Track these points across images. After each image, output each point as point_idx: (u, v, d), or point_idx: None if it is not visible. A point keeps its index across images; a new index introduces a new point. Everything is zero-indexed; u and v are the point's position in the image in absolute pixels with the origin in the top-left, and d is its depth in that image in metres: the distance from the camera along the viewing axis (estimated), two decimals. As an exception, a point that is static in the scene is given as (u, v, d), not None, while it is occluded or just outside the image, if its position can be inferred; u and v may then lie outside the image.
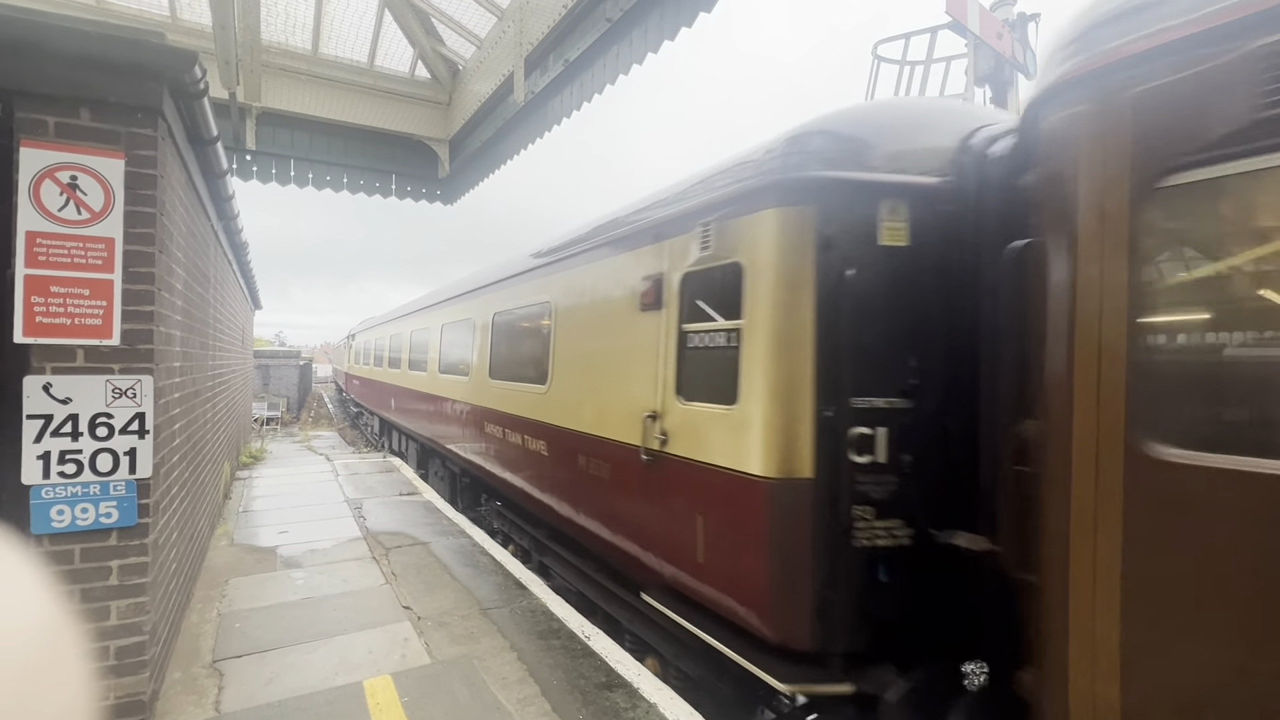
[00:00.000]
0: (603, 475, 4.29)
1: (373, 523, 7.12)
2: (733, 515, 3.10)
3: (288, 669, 3.74)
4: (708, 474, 3.29)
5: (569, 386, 4.86)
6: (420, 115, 8.43)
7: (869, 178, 2.84)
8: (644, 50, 4.77)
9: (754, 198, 3.05)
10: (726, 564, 3.15)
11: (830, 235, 2.81)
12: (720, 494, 3.20)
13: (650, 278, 3.84)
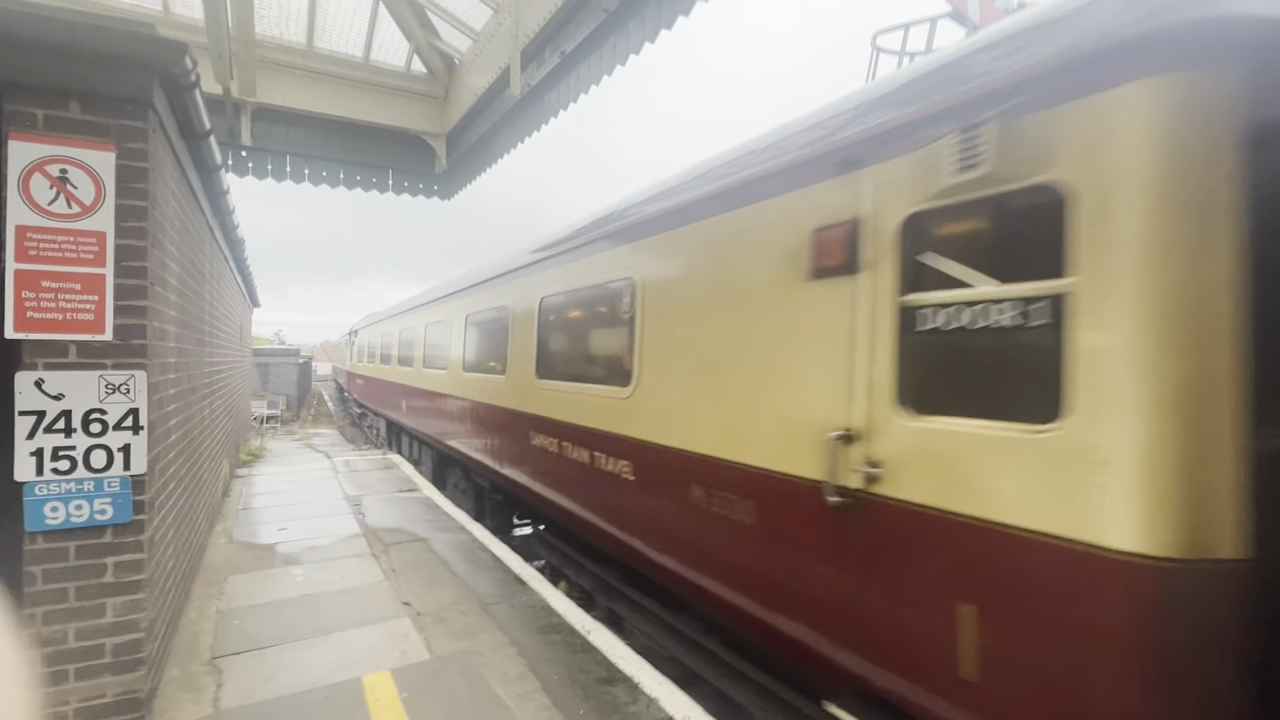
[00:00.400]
0: (739, 517, 3.07)
1: (372, 519, 7.10)
2: (1058, 618, 1.82)
3: (286, 666, 3.72)
4: (987, 538, 2.00)
5: (670, 390, 3.69)
6: (416, 110, 8.38)
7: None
8: (640, 41, 4.73)
9: (1098, 66, 1.83)
10: (1038, 696, 1.87)
11: (1269, 123, 1.70)
12: (1023, 576, 1.91)
13: (831, 228, 2.62)
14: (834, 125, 2.76)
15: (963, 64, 2.32)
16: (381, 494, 8.49)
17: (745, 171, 3.18)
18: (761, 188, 3.04)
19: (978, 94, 2.13)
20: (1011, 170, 1.98)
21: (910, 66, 2.77)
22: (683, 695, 3.49)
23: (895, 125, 2.42)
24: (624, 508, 4.14)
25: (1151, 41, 1.72)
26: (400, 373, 11.81)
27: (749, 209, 3.12)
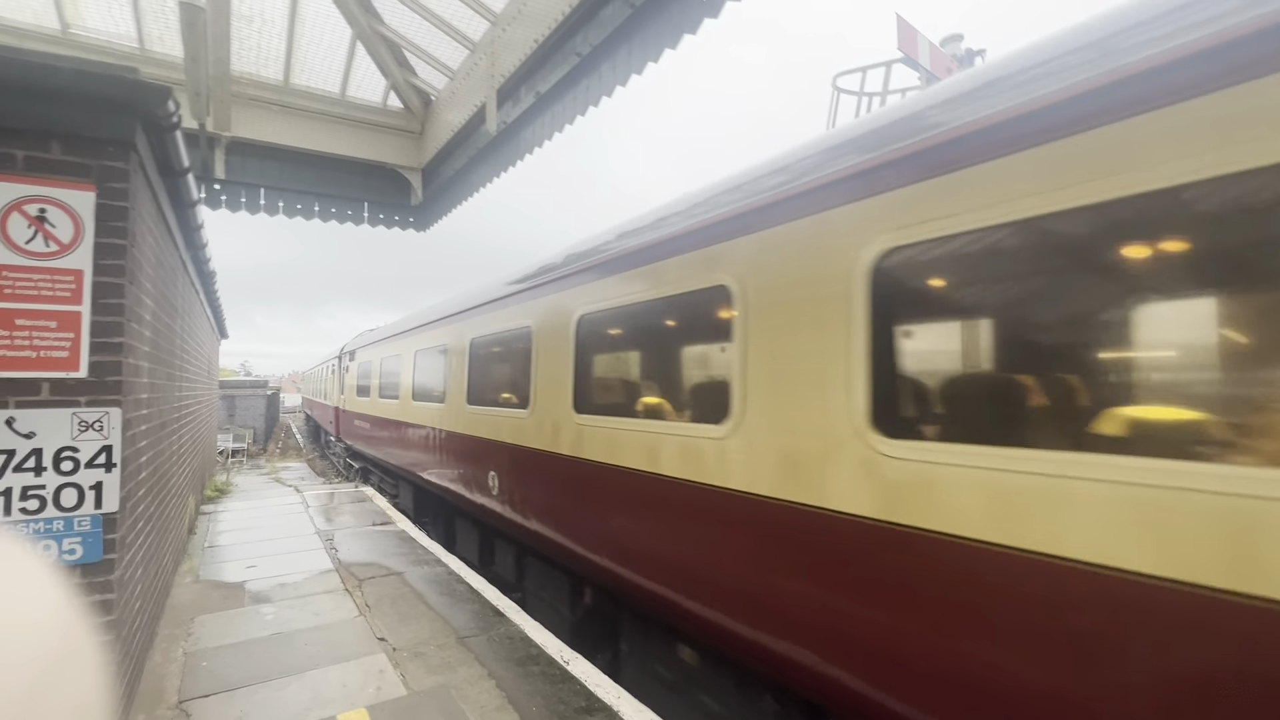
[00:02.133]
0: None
1: (345, 554, 6.97)
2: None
3: (257, 707, 3.64)
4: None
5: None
6: (393, 144, 8.49)
7: None
8: (613, 83, 4.94)
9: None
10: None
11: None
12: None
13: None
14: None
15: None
16: (354, 528, 8.34)
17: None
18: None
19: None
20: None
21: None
22: (662, 722, 3.52)
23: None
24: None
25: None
26: (438, 414, 7.70)
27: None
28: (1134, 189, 1.84)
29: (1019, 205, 2.11)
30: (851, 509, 2.55)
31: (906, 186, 2.46)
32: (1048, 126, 2.06)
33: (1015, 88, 2.21)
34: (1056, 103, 2.05)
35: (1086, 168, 1.95)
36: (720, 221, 3.38)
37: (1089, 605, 1.86)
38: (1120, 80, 1.90)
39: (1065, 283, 2.14)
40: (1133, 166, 1.85)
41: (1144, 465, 1.78)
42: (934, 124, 2.45)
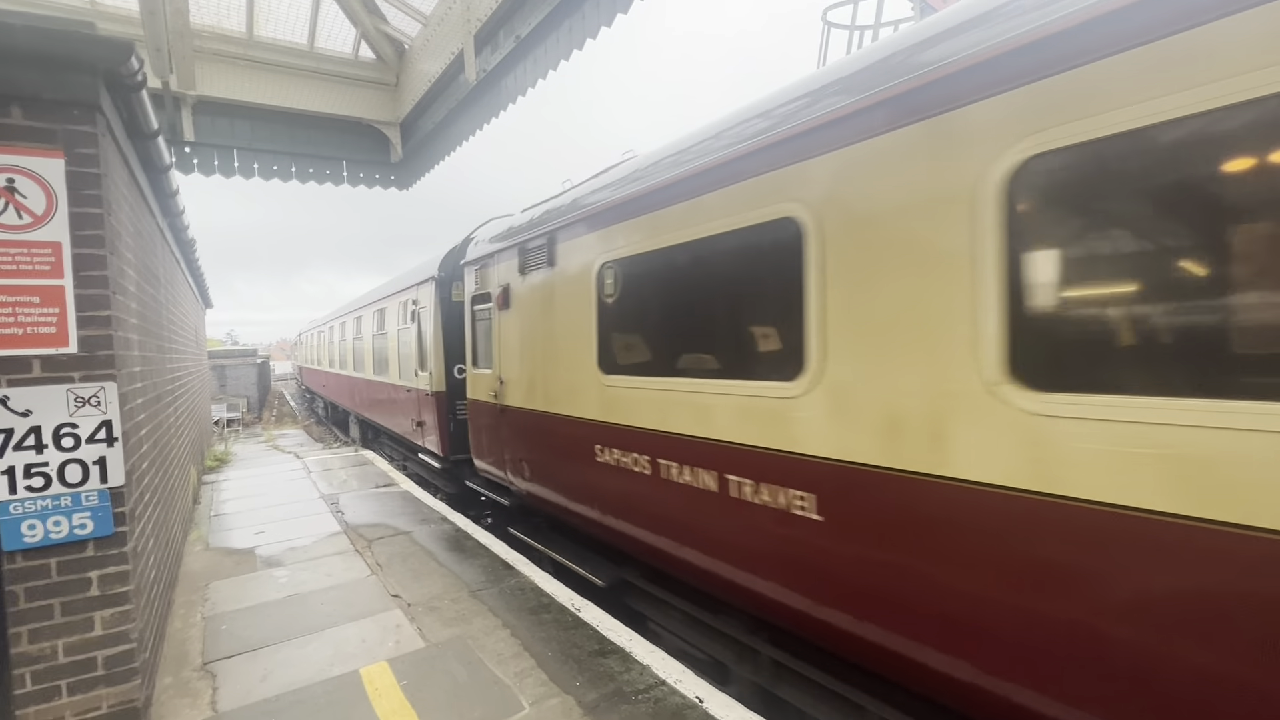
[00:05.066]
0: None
1: (351, 516, 7.07)
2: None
3: (281, 665, 3.76)
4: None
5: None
6: (367, 98, 8.15)
7: None
8: (597, 24, 4.72)
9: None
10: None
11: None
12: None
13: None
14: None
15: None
16: (358, 491, 8.44)
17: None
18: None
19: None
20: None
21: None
22: (674, 662, 3.66)
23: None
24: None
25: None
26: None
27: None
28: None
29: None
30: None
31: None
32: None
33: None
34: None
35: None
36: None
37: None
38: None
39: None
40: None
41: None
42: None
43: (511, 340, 5.71)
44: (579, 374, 4.56)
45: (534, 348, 5.28)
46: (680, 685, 3.37)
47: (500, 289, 5.87)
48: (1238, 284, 1.69)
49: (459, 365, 7.93)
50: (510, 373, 5.77)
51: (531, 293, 5.30)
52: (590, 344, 4.41)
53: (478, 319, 6.66)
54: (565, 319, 4.74)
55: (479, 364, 6.71)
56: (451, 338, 8.08)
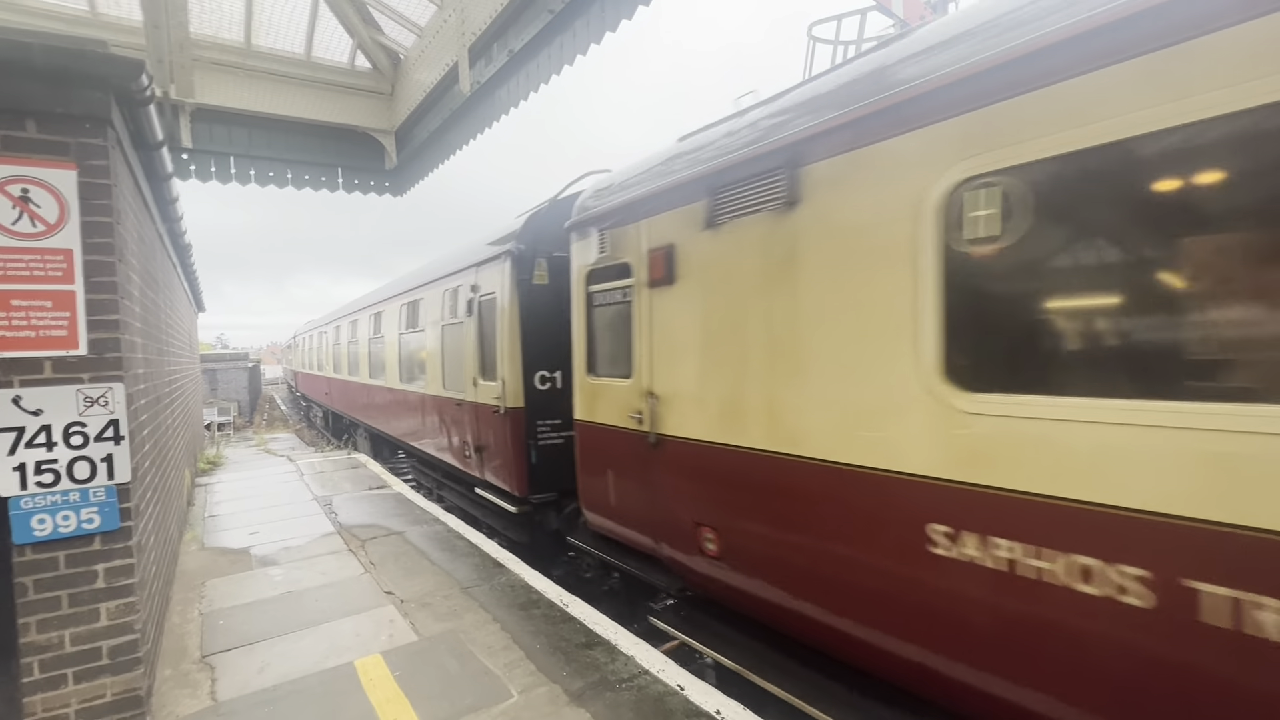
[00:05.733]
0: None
1: (345, 517, 7.18)
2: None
3: (278, 657, 3.88)
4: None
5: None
6: (363, 106, 8.30)
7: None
8: (587, 41, 4.90)
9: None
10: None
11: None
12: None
13: None
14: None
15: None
16: (351, 493, 8.54)
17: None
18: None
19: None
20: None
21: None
22: (657, 653, 3.82)
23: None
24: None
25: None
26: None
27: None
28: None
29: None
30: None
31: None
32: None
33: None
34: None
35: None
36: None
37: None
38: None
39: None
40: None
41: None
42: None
43: (680, 331, 3.72)
44: (876, 391, 2.70)
45: (739, 344, 3.34)
46: (663, 674, 3.52)
47: (654, 255, 3.84)
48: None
49: (541, 372, 5.93)
50: (676, 383, 3.77)
51: (732, 254, 3.36)
52: (912, 335, 2.54)
53: (598, 304, 4.60)
54: (834, 292, 2.87)
55: (599, 370, 4.64)
56: (532, 335, 5.93)
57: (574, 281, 4.86)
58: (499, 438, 6.19)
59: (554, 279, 5.94)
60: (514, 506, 6.07)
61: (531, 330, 5.93)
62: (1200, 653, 1.81)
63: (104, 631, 3.10)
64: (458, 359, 7.21)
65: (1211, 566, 1.78)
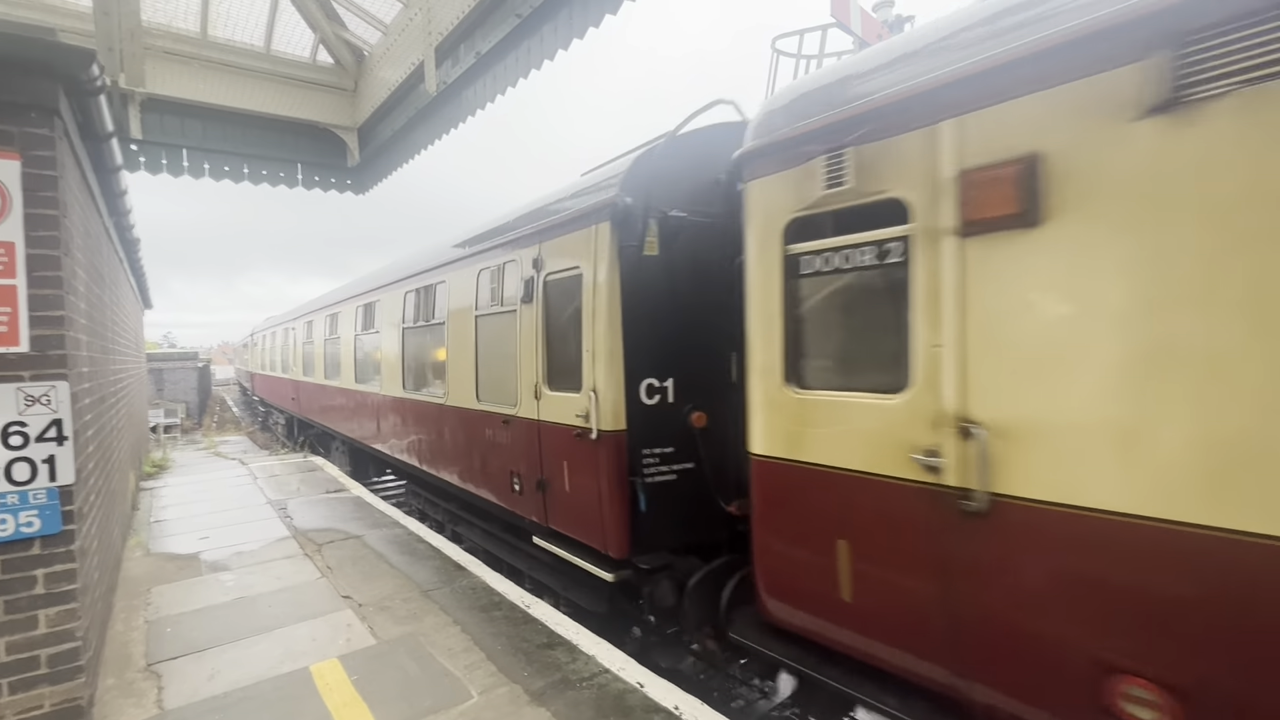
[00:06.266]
0: None
1: (300, 521, 7.01)
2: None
3: (229, 664, 3.79)
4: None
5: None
6: (325, 102, 8.15)
7: None
8: (555, 47, 4.95)
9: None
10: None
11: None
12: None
13: None
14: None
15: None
16: (307, 496, 8.33)
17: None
18: None
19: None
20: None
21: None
22: (618, 652, 3.88)
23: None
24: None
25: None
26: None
27: None
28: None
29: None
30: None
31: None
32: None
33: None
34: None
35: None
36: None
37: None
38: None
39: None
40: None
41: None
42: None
43: (1062, 310, 2.17)
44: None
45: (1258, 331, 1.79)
46: (623, 673, 3.58)
47: (983, 177, 2.35)
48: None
49: (649, 380, 4.22)
50: (1052, 406, 2.20)
51: (1239, 158, 1.81)
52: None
53: (814, 271, 3.02)
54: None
55: (815, 379, 3.06)
56: (640, 328, 4.17)
57: (755, 241, 3.20)
58: (584, 472, 4.36)
59: (667, 249, 4.26)
60: (608, 572, 4.15)
61: (639, 321, 4.18)
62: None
63: (43, 639, 2.98)
64: (504, 361, 5.36)
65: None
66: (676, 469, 4.32)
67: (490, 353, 5.69)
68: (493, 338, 5.62)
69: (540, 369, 4.82)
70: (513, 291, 5.25)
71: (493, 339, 5.62)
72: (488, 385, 5.70)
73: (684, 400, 4.33)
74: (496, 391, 5.53)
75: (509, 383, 5.27)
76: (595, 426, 4.17)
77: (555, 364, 4.74)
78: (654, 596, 4.17)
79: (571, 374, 4.49)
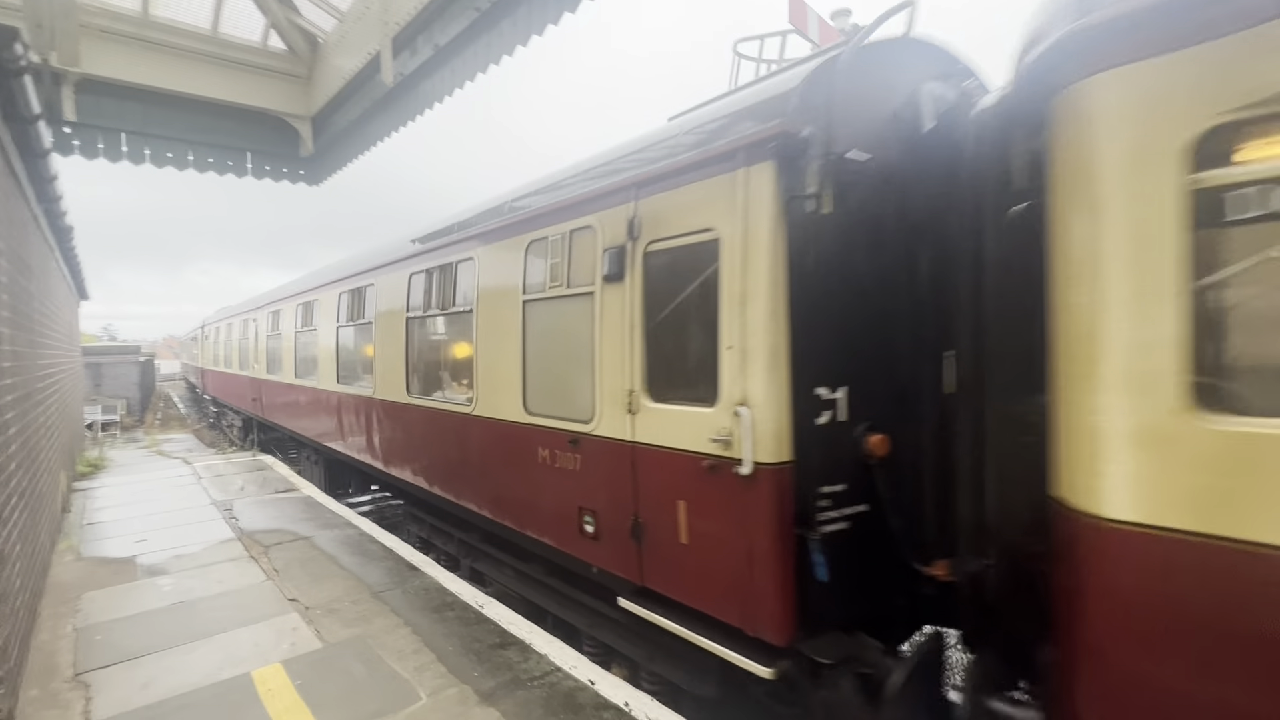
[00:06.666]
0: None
1: (247, 522, 6.78)
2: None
3: (165, 671, 3.65)
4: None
5: None
6: (276, 89, 7.87)
7: None
8: (513, 42, 4.90)
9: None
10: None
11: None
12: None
13: None
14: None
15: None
16: (255, 497, 8.06)
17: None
18: None
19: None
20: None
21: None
22: (570, 650, 3.88)
23: None
24: None
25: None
26: None
27: None
28: None
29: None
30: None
31: None
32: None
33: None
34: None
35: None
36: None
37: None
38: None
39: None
40: None
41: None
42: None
43: None
44: None
45: None
46: (575, 671, 3.59)
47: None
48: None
49: (819, 389, 3.06)
50: None
51: None
52: None
53: (1227, 216, 1.93)
54: None
55: (1241, 398, 1.80)
56: (811, 315, 3.01)
57: (1105, 173, 1.98)
58: (719, 518, 3.16)
59: (841, 205, 2.93)
60: (765, 667, 2.89)
61: (811, 306, 3.00)
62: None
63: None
64: (568, 361, 4.23)
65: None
66: (848, 514, 3.09)
67: (545, 349, 4.42)
68: (549, 329, 4.40)
69: (637, 372, 3.57)
70: (584, 268, 4.00)
71: (549, 331, 4.40)
72: (543, 392, 4.43)
73: (857, 417, 3.14)
74: (556, 400, 4.30)
75: (578, 390, 4.04)
76: (746, 456, 2.90)
77: (663, 366, 3.51)
78: (831, 706, 2.89)
79: (694, 380, 3.30)
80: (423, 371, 6.28)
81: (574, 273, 4.10)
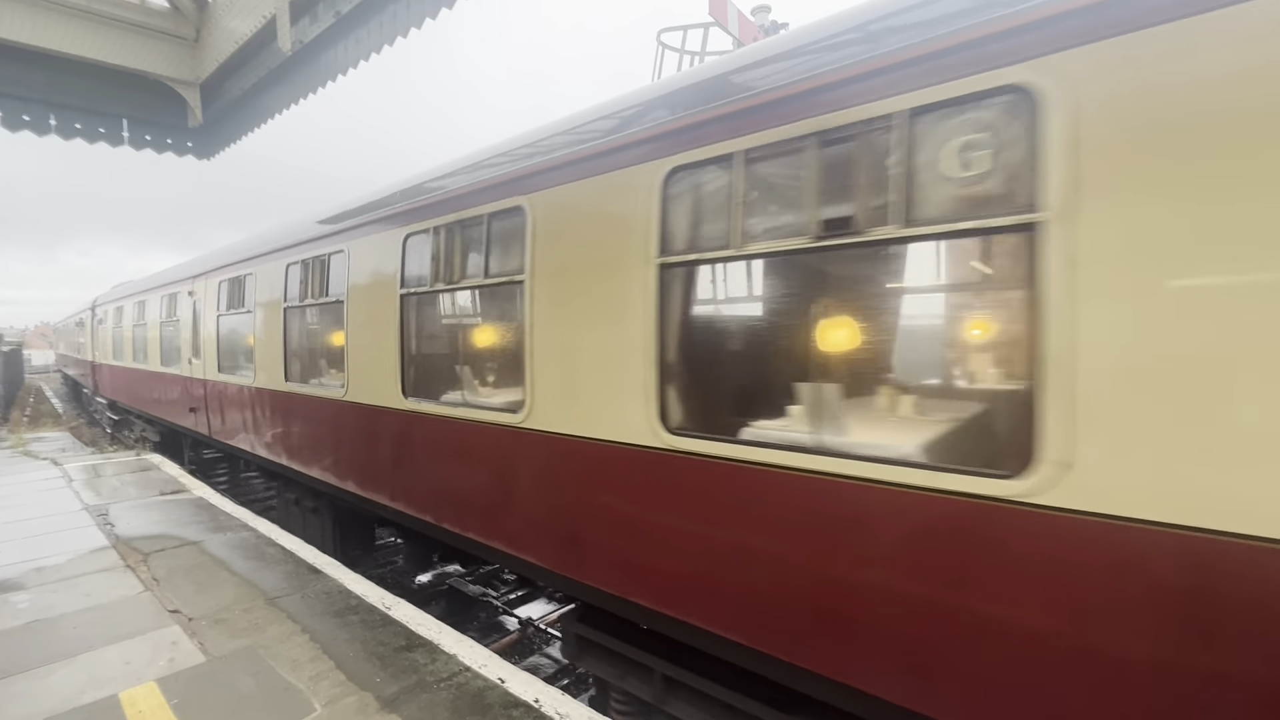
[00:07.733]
0: None
1: (124, 528, 6.17)
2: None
3: (12, 699, 3.25)
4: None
5: None
6: (158, 51, 7.13)
7: None
8: (421, 15, 4.64)
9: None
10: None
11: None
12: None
13: None
14: None
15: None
16: (136, 499, 7.35)
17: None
18: None
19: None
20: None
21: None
22: (480, 648, 3.78)
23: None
24: None
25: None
26: None
27: None
28: None
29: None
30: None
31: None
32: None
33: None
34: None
35: None
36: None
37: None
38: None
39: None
40: None
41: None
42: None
43: None
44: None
45: None
46: (484, 670, 3.49)
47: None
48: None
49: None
50: None
51: None
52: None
53: None
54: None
55: None
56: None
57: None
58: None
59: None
60: None
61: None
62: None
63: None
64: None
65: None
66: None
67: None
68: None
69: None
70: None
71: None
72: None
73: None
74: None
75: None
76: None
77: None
78: None
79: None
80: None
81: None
